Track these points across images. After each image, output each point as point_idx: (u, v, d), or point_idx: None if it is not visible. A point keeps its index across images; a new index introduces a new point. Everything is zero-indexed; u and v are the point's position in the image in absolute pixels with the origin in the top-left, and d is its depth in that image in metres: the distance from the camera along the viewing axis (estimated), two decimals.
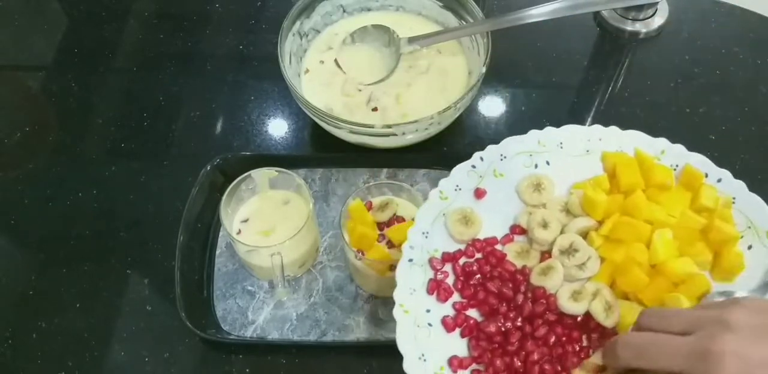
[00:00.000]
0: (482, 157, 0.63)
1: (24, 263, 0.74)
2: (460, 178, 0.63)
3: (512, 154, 0.64)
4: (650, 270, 0.59)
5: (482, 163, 0.63)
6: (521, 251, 0.61)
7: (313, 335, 0.68)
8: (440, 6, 0.79)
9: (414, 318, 0.57)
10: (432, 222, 0.61)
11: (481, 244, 0.61)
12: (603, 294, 0.58)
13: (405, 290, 0.58)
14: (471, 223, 0.61)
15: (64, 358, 0.68)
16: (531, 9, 0.71)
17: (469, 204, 0.62)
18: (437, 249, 0.60)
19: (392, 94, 0.77)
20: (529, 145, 0.64)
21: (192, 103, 0.84)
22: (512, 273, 0.60)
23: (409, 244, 0.59)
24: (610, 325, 0.58)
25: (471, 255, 0.61)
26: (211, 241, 0.73)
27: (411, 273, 0.59)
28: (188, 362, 0.68)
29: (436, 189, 0.62)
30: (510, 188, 0.63)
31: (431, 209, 0.61)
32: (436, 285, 0.59)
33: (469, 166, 0.63)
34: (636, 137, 0.65)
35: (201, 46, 0.89)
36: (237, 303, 0.70)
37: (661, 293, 0.58)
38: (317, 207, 0.74)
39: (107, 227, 0.75)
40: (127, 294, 0.71)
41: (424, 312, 0.58)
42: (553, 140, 0.65)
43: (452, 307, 0.59)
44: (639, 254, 0.59)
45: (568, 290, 0.59)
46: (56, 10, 0.95)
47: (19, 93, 0.90)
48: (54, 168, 0.80)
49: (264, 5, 0.93)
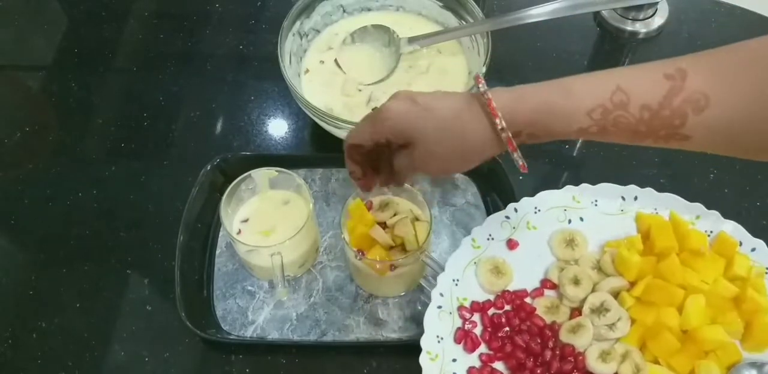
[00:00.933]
0: (516, 208, 0.64)
1: (24, 263, 0.74)
2: (493, 227, 0.64)
3: (546, 207, 0.65)
4: (681, 335, 0.59)
5: (516, 215, 0.64)
6: (551, 306, 0.61)
7: (313, 335, 0.68)
8: (440, 6, 0.79)
9: (440, 366, 0.58)
10: (463, 269, 0.62)
11: (510, 296, 0.62)
12: (632, 356, 0.58)
13: (432, 337, 0.58)
14: (502, 274, 0.62)
15: (64, 358, 0.68)
16: (531, 9, 0.71)
17: (501, 254, 0.63)
18: (466, 298, 0.61)
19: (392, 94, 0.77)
20: (564, 201, 0.65)
21: (192, 103, 0.84)
22: (541, 328, 0.60)
23: (438, 291, 0.60)
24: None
25: (500, 306, 0.61)
26: (211, 241, 0.73)
27: (439, 320, 0.59)
28: (188, 362, 0.68)
29: (469, 237, 0.63)
30: (542, 241, 0.64)
31: (463, 256, 0.62)
32: (464, 335, 0.59)
33: (503, 217, 0.64)
34: (671, 200, 0.65)
35: (201, 46, 0.89)
36: (237, 303, 0.70)
37: (692, 360, 0.58)
38: (317, 207, 0.74)
39: (107, 227, 0.75)
40: (127, 294, 0.71)
41: (450, 361, 0.58)
42: (588, 197, 0.65)
43: (479, 358, 0.59)
44: (670, 318, 0.59)
45: (597, 350, 0.59)
46: (56, 10, 0.95)
47: (19, 93, 0.90)
48: (54, 168, 0.80)
49: (264, 5, 0.93)
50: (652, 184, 0.66)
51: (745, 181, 0.77)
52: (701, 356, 0.59)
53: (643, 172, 0.72)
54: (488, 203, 0.74)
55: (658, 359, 0.59)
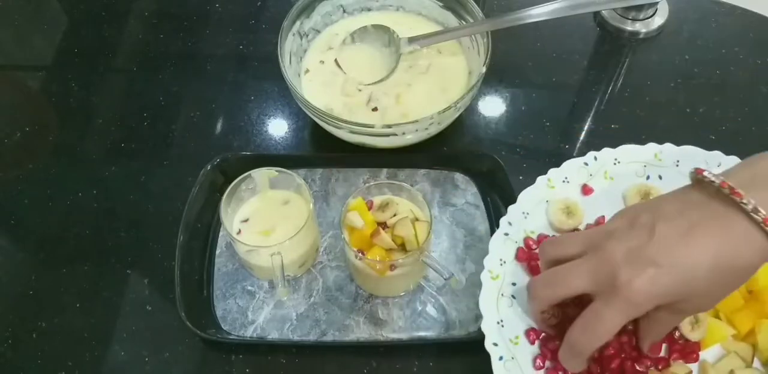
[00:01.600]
0: (596, 156, 0.64)
1: (24, 263, 0.74)
2: (570, 171, 0.64)
3: (627, 160, 0.65)
4: (747, 295, 0.59)
5: (595, 163, 0.64)
6: None
7: (313, 335, 0.68)
8: (440, 6, 0.79)
9: (500, 285, 0.59)
10: (535, 205, 0.62)
11: None
12: None
13: (495, 259, 0.60)
14: (572, 215, 0.62)
15: (64, 358, 0.68)
16: (531, 9, 0.71)
17: (575, 197, 0.63)
18: (534, 231, 0.62)
19: (392, 94, 0.77)
20: (646, 157, 0.65)
21: (192, 103, 0.84)
22: None
23: (507, 220, 0.61)
24: (695, 339, 0.57)
25: None
26: (211, 241, 0.73)
27: (504, 245, 0.60)
28: (188, 362, 0.68)
29: (545, 176, 0.63)
30: (617, 192, 0.64)
31: (535, 193, 0.62)
32: (525, 256, 0.60)
33: (582, 163, 0.64)
34: None
35: (201, 46, 0.89)
36: (237, 303, 0.70)
37: (754, 319, 0.58)
38: (317, 207, 0.74)
39: (107, 227, 0.75)
40: (127, 294, 0.71)
41: (509, 284, 0.59)
42: (670, 157, 0.65)
43: None
44: None
45: None
46: (56, 10, 0.95)
47: (19, 93, 0.90)
48: (54, 168, 0.80)
49: (264, 5, 0.93)
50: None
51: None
52: (764, 317, 0.58)
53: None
54: (488, 203, 0.74)
55: (720, 314, 0.59)
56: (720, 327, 0.58)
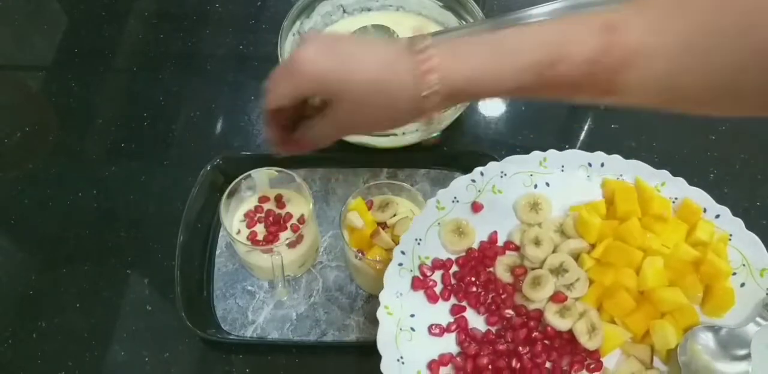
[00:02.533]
0: (482, 172, 0.64)
1: (24, 263, 0.74)
2: (458, 190, 0.63)
3: (513, 172, 0.64)
4: (638, 296, 0.60)
5: (482, 178, 0.64)
6: (513, 265, 0.61)
7: (313, 335, 0.68)
8: (440, 6, 0.79)
9: (398, 320, 0.58)
10: (426, 230, 0.61)
11: (473, 253, 0.62)
12: (589, 315, 0.59)
13: (391, 292, 0.59)
14: (464, 235, 0.61)
15: (64, 358, 0.68)
16: (531, 9, 0.71)
17: (465, 216, 0.63)
18: (428, 257, 0.61)
19: None
20: (531, 166, 0.65)
21: (192, 103, 0.84)
22: (503, 285, 0.61)
23: (400, 249, 0.60)
24: (592, 347, 0.58)
25: (462, 264, 0.61)
26: (211, 241, 0.73)
27: (399, 276, 0.59)
28: (188, 362, 0.68)
29: (434, 199, 0.62)
30: (507, 205, 0.64)
31: (427, 218, 0.62)
32: (421, 284, 0.59)
33: (469, 180, 0.63)
34: (638, 167, 0.65)
35: (201, 46, 0.89)
36: (237, 303, 0.70)
37: (647, 320, 0.59)
38: (317, 207, 0.74)
39: (107, 227, 0.75)
40: (127, 294, 0.71)
41: (408, 316, 0.58)
42: (555, 163, 0.65)
43: (447, 311, 0.60)
44: (628, 279, 0.59)
45: (556, 306, 0.59)
46: (56, 10, 0.95)
47: (19, 93, 0.90)
48: (54, 168, 0.80)
49: (264, 5, 0.93)
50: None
51: (745, 181, 0.77)
52: (657, 317, 0.59)
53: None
54: None
55: (614, 318, 0.59)
56: (616, 331, 0.59)
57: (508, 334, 0.59)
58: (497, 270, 0.61)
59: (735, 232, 0.62)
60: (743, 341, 0.58)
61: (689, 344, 0.58)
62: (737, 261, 0.61)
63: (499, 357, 0.58)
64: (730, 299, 0.59)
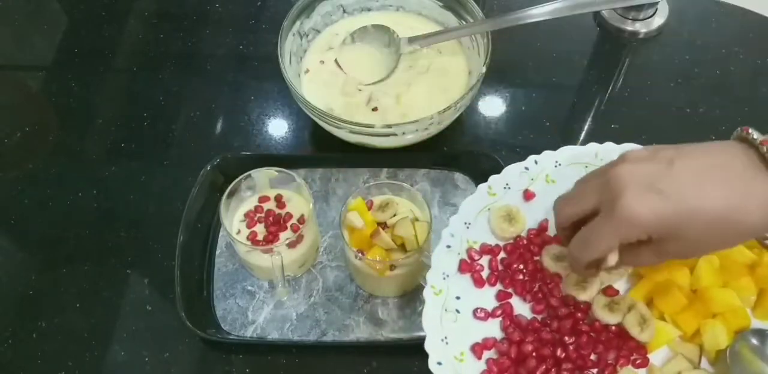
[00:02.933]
0: (537, 160, 0.63)
1: (24, 263, 0.74)
2: (511, 177, 0.63)
3: (567, 162, 0.64)
4: (690, 295, 0.59)
5: (536, 167, 0.63)
6: (560, 255, 0.61)
7: (313, 335, 0.68)
8: (440, 6, 0.79)
9: (443, 300, 0.58)
10: (476, 214, 0.61)
11: (522, 241, 0.61)
12: (638, 308, 0.58)
13: (438, 274, 0.58)
14: (515, 222, 0.61)
15: (64, 358, 0.68)
16: (531, 9, 0.71)
17: (516, 203, 0.62)
18: (476, 241, 0.61)
19: (392, 94, 0.77)
20: (586, 158, 0.64)
21: (192, 103, 0.84)
22: (551, 276, 0.60)
23: (449, 231, 0.60)
24: (645, 340, 0.57)
25: (510, 251, 0.61)
26: (211, 241, 0.73)
27: (447, 258, 0.59)
28: (188, 362, 0.68)
29: (485, 184, 0.62)
30: None
31: (477, 202, 0.61)
32: (468, 268, 0.59)
33: (523, 168, 0.63)
34: None
35: (201, 46, 0.89)
36: (237, 303, 0.70)
37: (699, 319, 0.58)
38: (317, 207, 0.74)
39: (107, 227, 0.75)
40: (127, 294, 0.71)
41: (453, 298, 0.58)
42: (611, 156, 0.64)
43: (493, 296, 0.59)
44: (681, 277, 0.59)
45: (604, 299, 0.59)
46: (56, 10, 0.95)
47: (19, 93, 0.90)
48: (54, 168, 0.80)
49: (264, 5, 0.93)
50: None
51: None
52: (708, 317, 0.58)
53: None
54: None
55: (664, 315, 0.59)
56: (666, 328, 0.58)
57: (554, 323, 0.58)
58: (544, 259, 0.60)
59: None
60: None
61: (739, 346, 0.57)
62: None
63: (544, 345, 0.57)
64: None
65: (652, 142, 0.79)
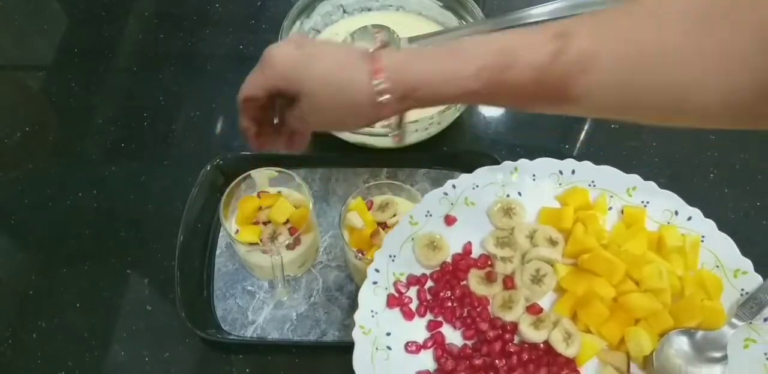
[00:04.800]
0: (454, 184, 0.64)
1: (24, 263, 0.74)
2: (431, 204, 0.63)
3: (485, 183, 0.64)
4: (612, 304, 0.60)
5: (454, 191, 0.64)
6: (484, 277, 0.61)
7: (313, 335, 0.68)
8: (440, 6, 0.79)
9: (374, 339, 0.58)
10: (400, 246, 0.61)
11: (447, 266, 0.62)
12: (563, 323, 0.59)
13: (366, 312, 0.58)
14: (438, 249, 0.61)
15: (64, 358, 0.68)
16: (531, 9, 0.71)
17: (439, 230, 0.63)
18: (402, 273, 0.61)
19: None
20: (503, 176, 0.65)
21: (192, 103, 0.84)
22: (478, 299, 0.61)
23: (374, 267, 0.60)
24: (572, 354, 0.58)
25: (437, 278, 0.61)
26: (211, 241, 0.73)
27: (374, 295, 0.59)
28: (188, 362, 0.68)
29: (407, 215, 0.62)
30: (481, 216, 0.64)
31: (400, 234, 0.62)
32: (396, 302, 0.59)
33: (441, 194, 0.63)
34: (609, 173, 0.65)
35: (201, 46, 0.89)
36: (237, 303, 0.70)
37: (622, 327, 0.59)
38: (317, 207, 0.74)
39: (107, 227, 0.75)
40: (127, 294, 0.71)
41: (384, 335, 0.58)
42: (526, 172, 0.65)
43: (423, 327, 0.60)
44: (602, 288, 0.59)
45: (529, 318, 0.59)
46: (56, 10, 0.95)
47: (19, 93, 0.90)
48: (54, 168, 0.80)
49: (264, 5, 0.93)
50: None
51: (745, 181, 0.77)
52: (631, 324, 0.59)
53: (643, 170, 0.73)
54: None
55: (590, 327, 0.59)
56: (592, 340, 0.59)
57: (483, 348, 0.59)
58: (471, 282, 0.61)
59: (708, 234, 0.62)
60: (719, 343, 0.58)
61: (664, 349, 0.58)
62: (711, 263, 0.61)
63: (476, 371, 0.58)
64: None
65: (652, 141, 0.80)
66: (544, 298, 0.61)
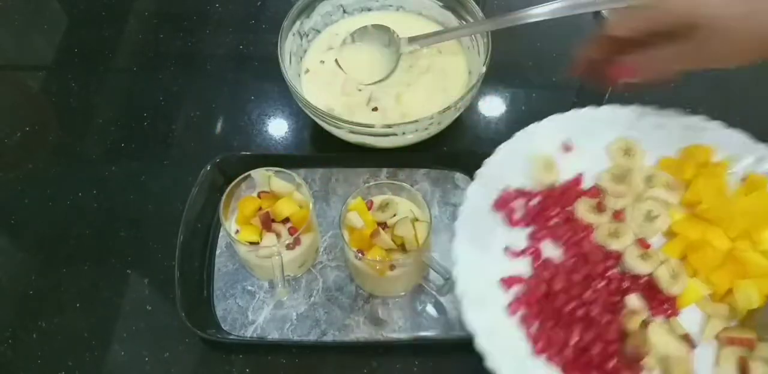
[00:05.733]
0: (579, 114, 0.65)
1: (24, 263, 0.74)
2: (551, 127, 0.64)
3: (609, 120, 0.65)
4: (725, 255, 0.59)
5: (577, 119, 0.65)
6: (594, 206, 0.62)
7: (313, 335, 0.68)
8: (440, 6, 0.79)
9: (472, 233, 0.58)
10: (515, 158, 0.63)
11: (558, 190, 0.63)
12: (671, 262, 0.58)
13: (471, 208, 0.59)
14: (551, 170, 0.62)
15: (64, 358, 0.68)
16: (531, 9, 0.71)
17: (554, 153, 0.64)
18: (511, 185, 0.62)
19: (392, 94, 0.77)
20: (628, 117, 0.66)
21: (192, 103, 0.84)
22: (584, 227, 0.61)
23: (487, 171, 0.61)
24: (675, 293, 0.57)
25: (545, 196, 0.62)
26: (211, 241, 0.73)
27: (481, 195, 0.60)
28: (188, 362, 0.68)
29: (526, 130, 0.64)
30: (599, 150, 0.65)
31: (517, 147, 0.63)
32: (502, 206, 0.60)
33: (564, 119, 0.65)
34: (737, 138, 0.66)
35: (201, 46, 0.89)
36: (237, 303, 0.70)
37: (732, 277, 0.58)
38: (317, 207, 0.74)
39: (107, 227, 0.75)
40: (127, 294, 0.71)
41: (485, 233, 0.59)
42: (652, 119, 0.65)
43: (524, 236, 0.61)
44: (717, 238, 0.59)
45: (637, 249, 0.59)
46: (56, 10, 0.95)
47: (19, 93, 0.90)
48: (54, 168, 0.80)
49: (264, 5, 0.93)
50: None
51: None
52: (742, 277, 0.59)
53: None
54: None
55: (698, 273, 0.59)
56: (698, 285, 0.58)
57: (584, 268, 0.58)
58: (578, 209, 0.61)
59: None
60: None
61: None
62: None
63: (573, 286, 0.57)
64: None
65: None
66: (652, 239, 0.61)
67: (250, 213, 0.66)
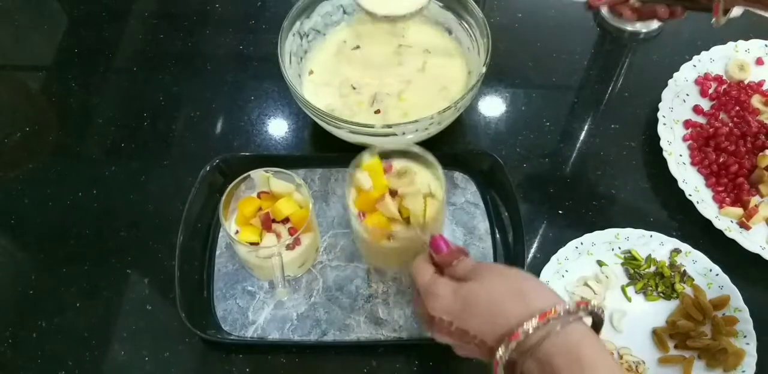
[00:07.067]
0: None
1: (24, 263, 0.74)
2: (753, 44, 0.85)
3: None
4: None
5: None
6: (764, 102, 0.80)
7: (314, 335, 0.68)
8: (440, 6, 0.79)
9: None
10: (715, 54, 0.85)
11: (742, 83, 0.83)
12: None
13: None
14: (744, 71, 0.82)
15: (64, 358, 0.68)
16: None
17: (749, 60, 0.84)
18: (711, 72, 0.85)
19: (393, 94, 0.77)
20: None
21: (192, 103, 0.84)
22: (754, 110, 0.81)
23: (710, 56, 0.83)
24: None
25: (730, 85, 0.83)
26: (211, 241, 0.73)
27: None
28: (188, 362, 0.68)
29: (733, 43, 0.84)
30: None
31: (723, 51, 0.85)
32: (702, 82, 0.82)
33: None
34: None
35: (201, 46, 0.89)
36: (237, 304, 0.70)
37: None
38: (317, 207, 0.74)
39: (107, 227, 0.75)
40: (127, 294, 0.71)
41: None
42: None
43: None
44: None
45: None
46: (56, 10, 0.95)
47: (19, 93, 0.90)
48: (54, 168, 0.80)
49: (264, 5, 0.93)
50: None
51: None
52: None
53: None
54: (488, 202, 0.74)
55: None
56: None
57: (744, 127, 0.79)
58: (753, 101, 0.81)
59: None
60: None
61: None
62: None
63: (731, 133, 0.78)
64: None
65: (653, 142, 0.80)
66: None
67: (250, 214, 0.66)
